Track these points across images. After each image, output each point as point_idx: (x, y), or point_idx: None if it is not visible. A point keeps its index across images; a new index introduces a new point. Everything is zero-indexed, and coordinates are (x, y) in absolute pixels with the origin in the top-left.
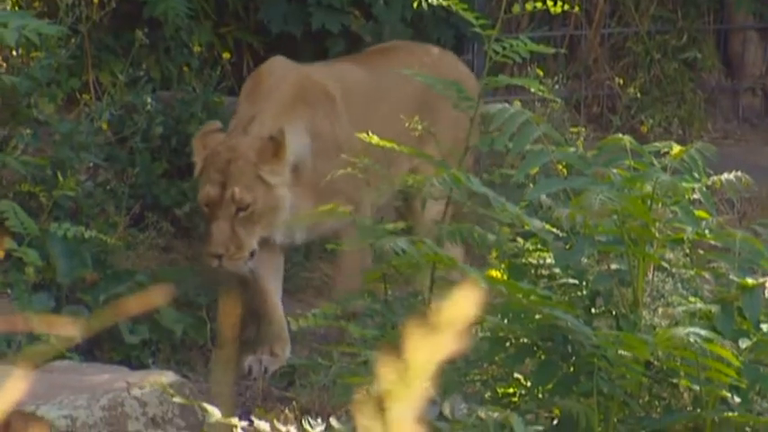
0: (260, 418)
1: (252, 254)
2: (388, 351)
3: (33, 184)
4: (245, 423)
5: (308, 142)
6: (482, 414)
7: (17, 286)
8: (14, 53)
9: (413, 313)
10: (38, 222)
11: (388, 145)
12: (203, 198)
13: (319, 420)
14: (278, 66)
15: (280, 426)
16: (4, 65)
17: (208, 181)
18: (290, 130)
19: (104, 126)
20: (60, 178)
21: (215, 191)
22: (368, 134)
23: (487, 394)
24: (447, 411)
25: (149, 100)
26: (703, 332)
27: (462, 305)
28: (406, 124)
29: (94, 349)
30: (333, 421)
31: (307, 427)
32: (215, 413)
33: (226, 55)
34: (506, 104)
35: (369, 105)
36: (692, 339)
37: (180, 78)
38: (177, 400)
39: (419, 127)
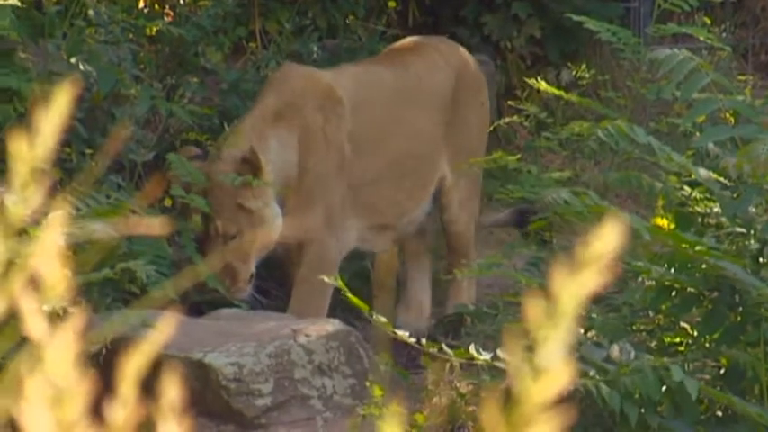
0: (425, 366)
1: (251, 277)
2: (545, 297)
3: (200, 133)
4: (413, 339)
5: (293, 154)
6: (648, 360)
7: (184, 234)
8: (182, 2)
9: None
10: None
11: None
12: (191, 231)
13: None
14: (280, 74)
15: (447, 349)
16: (172, 14)
17: (193, 212)
18: (263, 147)
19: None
20: (227, 127)
21: (200, 225)
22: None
23: (653, 343)
24: (615, 354)
25: (315, 48)
26: None
27: (605, 240)
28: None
29: (261, 297)
30: (499, 352)
31: (473, 352)
32: (380, 319)
33: (392, 4)
34: (674, 51)
35: (396, 106)
36: None
37: (345, 27)
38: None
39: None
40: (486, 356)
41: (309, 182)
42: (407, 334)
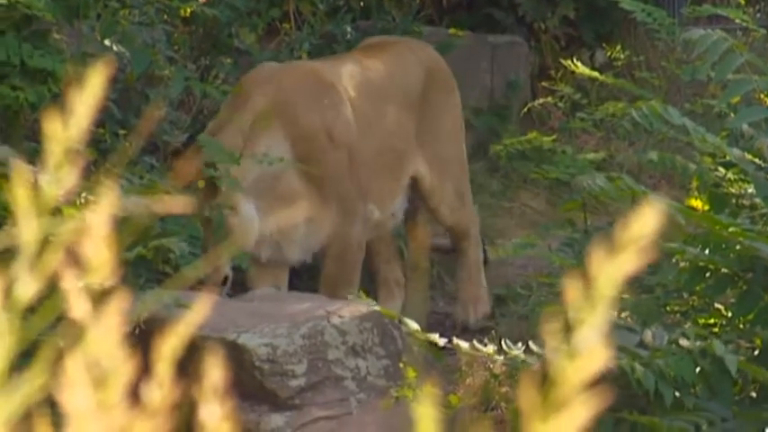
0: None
1: (225, 279)
2: (582, 279)
3: None
4: (444, 340)
5: (287, 150)
6: (683, 342)
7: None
8: None
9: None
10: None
11: None
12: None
13: (519, 344)
14: (262, 72)
15: (479, 346)
16: None
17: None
18: (249, 153)
19: (304, 55)
20: None
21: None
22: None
23: (687, 325)
24: (648, 339)
25: (349, 29)
26: None
27: (644, 222)
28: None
29: (293, 278)
30: (531, 345)
31: (505, 347)
32: (413, 325)
33: None
34: (709, 31)
35: (374, 104)
36: None
37: (379, 7)
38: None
39: None
40: (517, 351)
41: (317, 182)
42: (437, 335)
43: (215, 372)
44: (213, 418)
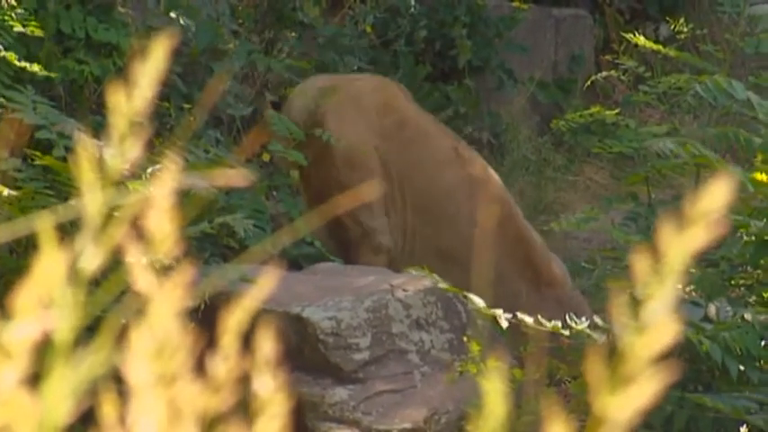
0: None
1: None
2: (651, 254)
3: None
4: (508, 316)
5: None
6: (747, 316)
7: (282, 189)
8: None
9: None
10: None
11: None
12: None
13: (583, 319)
14: None
15: (543, 320)
16: None
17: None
18: None
19: (368, 29)
20: None
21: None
22: None
23: (752, 298)
24: (712, 313)
25: (413, 3)
26: None
27: (715, 195)
28: None
29: None
30: (596, 319)
31: (569, 321)
32: (477, 302)
33: None
34: None
35: None
36: None
37: None
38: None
39: None
40: (582, 325)
41: None
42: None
43: (267, 344)
44: (266, 390)
